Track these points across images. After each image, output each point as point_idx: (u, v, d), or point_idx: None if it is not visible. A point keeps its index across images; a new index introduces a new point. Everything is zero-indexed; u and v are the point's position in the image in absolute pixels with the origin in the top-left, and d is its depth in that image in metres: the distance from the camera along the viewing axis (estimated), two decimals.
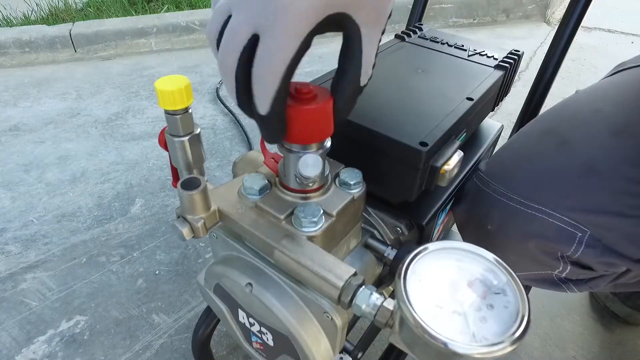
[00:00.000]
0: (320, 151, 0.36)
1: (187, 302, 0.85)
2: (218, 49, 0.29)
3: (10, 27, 1.94)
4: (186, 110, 0.38)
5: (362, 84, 0.32)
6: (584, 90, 0.53)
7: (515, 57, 0.63)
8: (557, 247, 0.47)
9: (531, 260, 0.51)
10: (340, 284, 0.34)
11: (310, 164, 0.34)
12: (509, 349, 0.23)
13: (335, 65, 0.33)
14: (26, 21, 2.04)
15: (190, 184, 0.37)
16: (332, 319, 0.38)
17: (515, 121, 0.68)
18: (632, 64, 0.54)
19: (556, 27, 0.59)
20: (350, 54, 0.31)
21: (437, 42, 0.68)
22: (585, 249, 0.46)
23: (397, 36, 0.70)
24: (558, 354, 0.77)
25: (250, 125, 1.39)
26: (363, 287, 0.34)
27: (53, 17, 2.06)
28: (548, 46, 0.59)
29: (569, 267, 0.49)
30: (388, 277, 0.51)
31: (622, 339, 0.80)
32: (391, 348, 0.61)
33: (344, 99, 0.32)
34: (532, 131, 0.54)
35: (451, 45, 0.67)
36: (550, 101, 0.58)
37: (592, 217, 0.45)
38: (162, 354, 0.77)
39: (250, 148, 1.28)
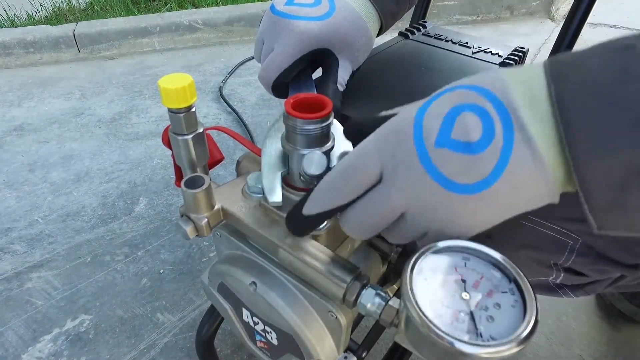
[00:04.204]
0: (325, 149, 0.36)
1: (191, 301, 0.86)
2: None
3: (15, 27, 1.95)
4: (190, 108, 0.38)
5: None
6: None
7: (521, 54, 0.63)
8: (548, 257, 0.47)
9: (524, 268, 0.50)
10: (345, 283, 0.34)
11: (315, 162, 0.34)
12: (517, 349, 0.23)
13: None
14: (30, 21, 2.05)
15: (194, 183, 0.37)
16: (336, 318, 0.38)
17: None
18: None
19: (560, 23, 0.59)
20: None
21: (441, 40, 0.68)
22: (577, 257, 0.45)
23: (400, 34, 0.70)
24: (564, 352, 0.76)
25: (254, 123, 1.39)
26: (368, 286, 0.34)
27: (57, 17, 2.07)
28: (552, 43, 0.59)
29: (562, 274, 0.49)
30: (392, 275, 0.51)
31: (629, 338, 0.79)
32: (395, 347, 0.61)
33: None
34: None
35: (455, 43, 0.67)
36: None
37: (584, 225, 0.44)
38: (167, 353, 0.77)
39: None
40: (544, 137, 0.24)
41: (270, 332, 0.44)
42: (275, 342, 0.45)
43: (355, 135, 0.34)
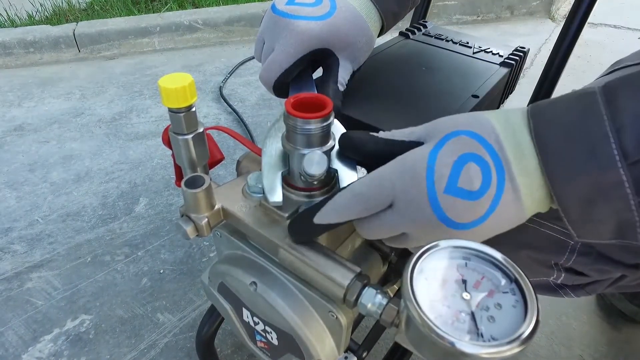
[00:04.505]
0: (325, 149, 0.36)
1: (191, 301, 0.86)
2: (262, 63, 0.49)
3: (15, 27, 1.95)
4: (190, 108, 0.38)
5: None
6: None
7: (521, 54, 0.63)
8: (549, 257, 0.47)
9: (525, 268, 0.50)
10: (346, 283, 0.34)
11: (316, 161, 0.34)
12: (517, 349, 0.23)
13: None
14: (30, 21, 2.05)
15: (194, 183, 0.37)
16: (337, 318, 0.38)
17: None
18: (629, 62, 0.53)
19: (561, 23, 0.59)
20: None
21: (442, 40, 0.68)
22: (578, 257, 0.45)
23: (401, 33, 0.70)
24: (565, 352, 0.76)
25: (254, 123, 1.38)
26: (368, 286, 0.33)
27: (57, 17, 2.07)
28: (552, 43, 0.59)
29: (563, 274, 0.49)
30: (393, 275, 0.51)
31: (629, 338, 0.79)
32: (396, 347, 0.61)
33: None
34: None
35: (456, 43, 0.66)
36: None
37: None
38: (167, 353, 0.77)
39: None
40: (526, 186, 0.29)
41: (271, 332, 0.44)
42: (275, 342, 0.45)
43: (353, 151, 0.37)
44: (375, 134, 0.36)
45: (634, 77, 0.28)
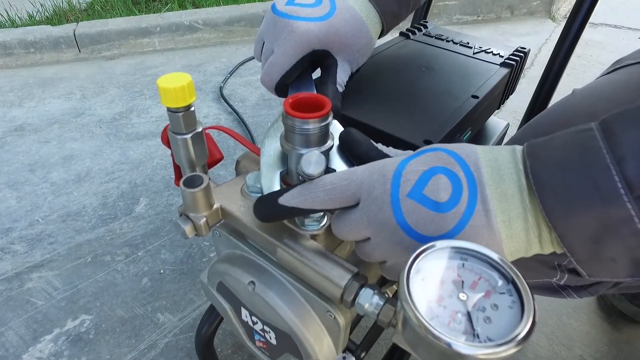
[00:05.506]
0: (324, 149, 0.36)
1: (191, 301, 0.86)
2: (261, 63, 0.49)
3: (15, 27, 1.95)
4: (188, 107, 0.38)
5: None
6: (580, 90, 0.52)
7: (522, 54, 0.63)
8: (551, 257, 0.47)
9: (527, 269, 0.50)
10: (343, 283, 0.34)
11: (314, 161, 0.34)
12: (514, 350, 0.23)
13: None
14: (31, 21, 2.05)
15: (193, 182, 0.37)
16: (335, 318, 0.38)
17: (521, 119, 0.67)
18: (630, 61, 0.52)
19: (561, 23, 0.59)
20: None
21: (442, 40, 0.68)
22: None
23: (401, 34, 0.70)
24: (565, 352, 0.76)
25: (254, 123, 1.39)
26: (366, 286, 0.33)
27: (57, 18, 2.07)
28: (553, 43, 0.59)
29: (566, 275, 0.48)
30: None
31: (630, 338, 0.79)
32: (395, 347, 0.61)
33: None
34: (525, 138, 0.53)
35: (456, 43, 0.66)
36: (558, 98, 0.57)
37: None
38: (167, 353, 0.77)
39: None
40: (503, 212, 0.28)
41: (269, 332, 0.44)
42: (273, 341, 0.45)
43: (348, 147, 0.38)
44: (373, 142, 0.37)
45: (629, 111, 0.27)
